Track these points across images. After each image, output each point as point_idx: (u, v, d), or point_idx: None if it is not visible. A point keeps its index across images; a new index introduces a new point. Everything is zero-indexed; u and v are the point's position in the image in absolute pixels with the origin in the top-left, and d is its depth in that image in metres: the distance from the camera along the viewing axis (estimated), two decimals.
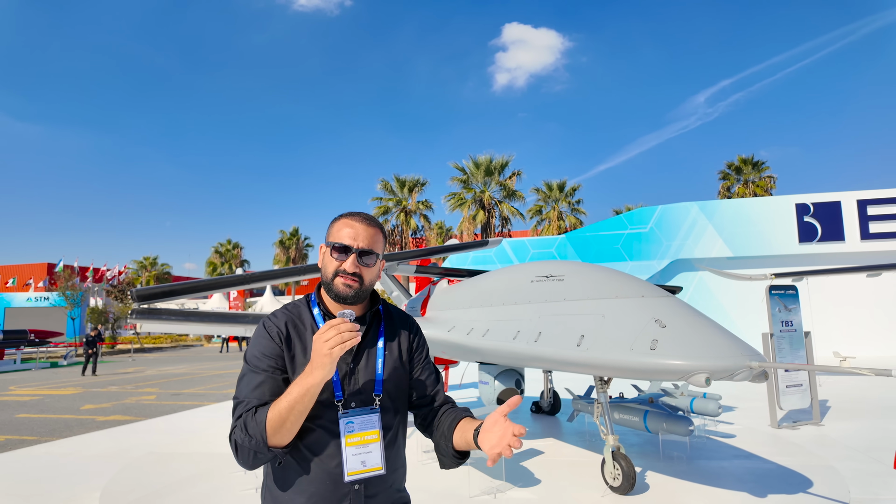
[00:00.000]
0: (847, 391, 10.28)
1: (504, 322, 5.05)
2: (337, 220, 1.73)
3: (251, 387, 1.54)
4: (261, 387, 1.54)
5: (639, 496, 4.32)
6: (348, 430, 1.60)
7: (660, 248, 19.99)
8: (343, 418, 1.60)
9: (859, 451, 6.13)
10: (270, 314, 1.71)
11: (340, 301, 1.65)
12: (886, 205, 18.25)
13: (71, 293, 32.53)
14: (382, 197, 37.90)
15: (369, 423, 1.62)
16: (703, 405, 6.05)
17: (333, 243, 1.66)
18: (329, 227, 1.73)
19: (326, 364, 1.40)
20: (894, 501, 4.63)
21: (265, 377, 1.55)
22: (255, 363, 1.58)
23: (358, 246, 1.64)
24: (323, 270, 1.69)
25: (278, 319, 1.67)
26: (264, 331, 1.64)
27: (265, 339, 1.62)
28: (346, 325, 1.42)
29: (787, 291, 8.02)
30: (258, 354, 1.59)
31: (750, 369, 3.45)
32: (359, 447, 1.59)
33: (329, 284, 1.65)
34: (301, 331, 1.66)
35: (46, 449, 7.66)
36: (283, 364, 1.59)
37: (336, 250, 1.64)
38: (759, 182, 37.69)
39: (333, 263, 1.65)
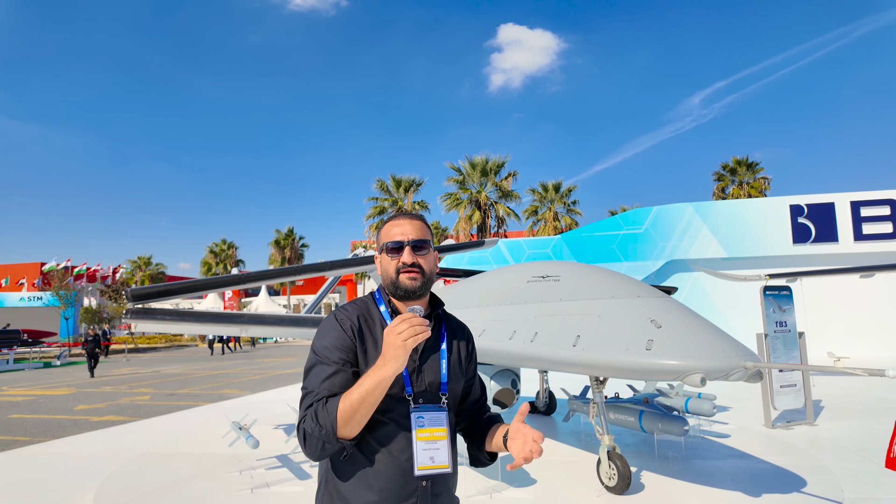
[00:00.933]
0: (841, 391, 10.35)
1: (500, 322, 5.06)
2: (383, 225, 1.80)
3: (321, 378, 1.55)
4: (332, 378, 1.55)
5: (634, 496, 4.34)
6: (419, 424, 1.62)
7: (655, 249, 20.06)
8: (414, 412, 1.63)
9: (852, 451, 6.18)
10: (341, 307, 1.73)
11: (408, 295, 1.69)
12: (879, 206, 18.39)
13: (65, 293, 32.34)
14: (378, 197, 37.88)
15: (438, 420, 1.65)
16: (697, 405, 6.08)
17: (387, 244, 1.72)
18: (378, 235, 1.81)
19: (400, 356, 1.44)
20: (887, 501, 4.66)
21: (336, 369, 1.56)
22: (325, 355, 1.59)
23: (409, 239, 1.71)
24: (384, 274, 1.74)
25: (350, 313, 1.70)
26: (336, 323, 1.66)
27: (337, 332, 1.63)
28: (418, 319, 1.46)
29: (781, 292, 8.07)
30: (329, 346, 1.60)
31: (745, 369, 3.47)
32: (428, 443, 1.61)
33: (395, 282, 1.69)
34: (371, 325, 1.69)
35: (40, 449, 7.62)
36: (354, 357, 1.61)
37: (391, 250, 1.71)
38: (754, 183, 37.87)
39: (392, 262, 1.71)
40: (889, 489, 4.95)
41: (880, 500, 4.71)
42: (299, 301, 60.73)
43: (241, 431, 5.22)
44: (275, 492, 4.59)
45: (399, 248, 1.71)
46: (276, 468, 5.30)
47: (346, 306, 1.74)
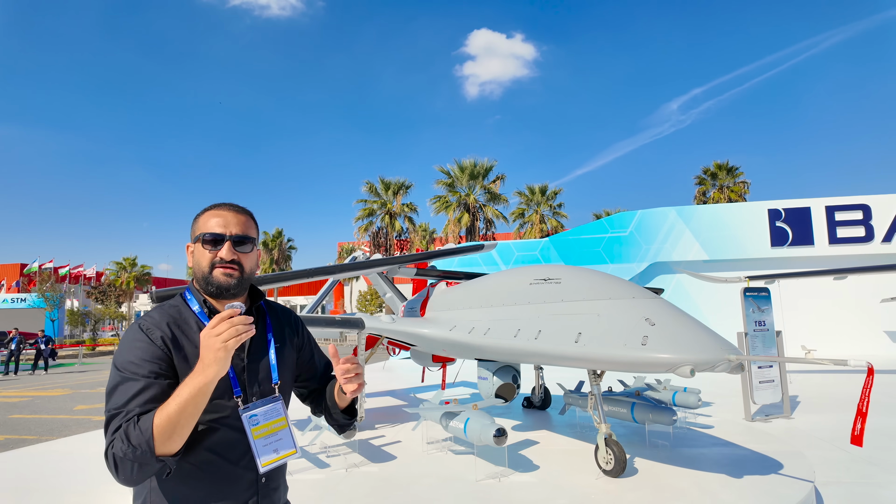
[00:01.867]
0: (815, 387, 10.94)
1: (505, 321, 5.47)
2: (201, 213, 1.68)
3: (128, 396, 1.40)
4: (141, 394, 1.41)
5: (629, 479, 4.77)
6: (253, 423, 1.57)
7: (639, 252, 20.67)
8: (245, 413, 1.57)
9: (825, 441, 6.71)
10: (145, 315, 1.57)
11: (222, 293, 1.60)
12: (852, 211, 19.21)
13: (50, 294, 32.03)
14: (367, 199, 38.12)
15: (274, 412, 1.62)
16: (684, 398, 6.55)
17: (203, 235, 1.60)
18: (193, 224, 1.67)
19: (221, 359, 1.36)
20: (855, 484, 5.17)
21: (146, 383, 1.42)
22: (132, 370, 1.43)
23: (231, 233, 1.62)
24: (196, 267, 1.63)
25: (157, 320, 1.55)
26: (142, 334, 1.50)
27: (143, 343, 1.48)
28: (240, 318, 1.40)
29: (760, 293, 8.60)
30: (135, 360, 1.45)
31: (729, 362, 3.92)
32: (268, 437, 1.58)
33: (208, 278, 1.59)
34: (186, 329, 1.56)
35: (49, 447, 7.78)
36: (168, 368, 1.48)
37: (207, 242, 1.60)
38: (734, 187, 38.89)
39: (207, 255, 1.60)
40: (857, 473, 5.46)
41: (848, 482, 5.21)
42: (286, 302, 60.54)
43: None
44: (298, 479, 4.93)
45: (218, 241, 1.60)
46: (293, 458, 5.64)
47: (152, 313, 1.59)
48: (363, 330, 6.90)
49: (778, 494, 4.27)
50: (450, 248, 9.39)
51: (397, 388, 11.79)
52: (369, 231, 37.72)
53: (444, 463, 5.43)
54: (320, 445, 6.07)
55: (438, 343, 6.56)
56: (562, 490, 4.54)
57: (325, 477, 5.04)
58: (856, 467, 5.65)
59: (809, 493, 4.33)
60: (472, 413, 5.21)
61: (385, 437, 6.71)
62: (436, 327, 6.57)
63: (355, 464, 5.45)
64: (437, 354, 7.70)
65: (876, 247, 18.79)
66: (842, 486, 5.10)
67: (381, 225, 37.89)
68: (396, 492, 4.64)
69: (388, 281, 9.26)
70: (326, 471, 5.24)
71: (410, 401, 9.91)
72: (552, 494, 4.44)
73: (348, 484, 4.84)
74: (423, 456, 5.71)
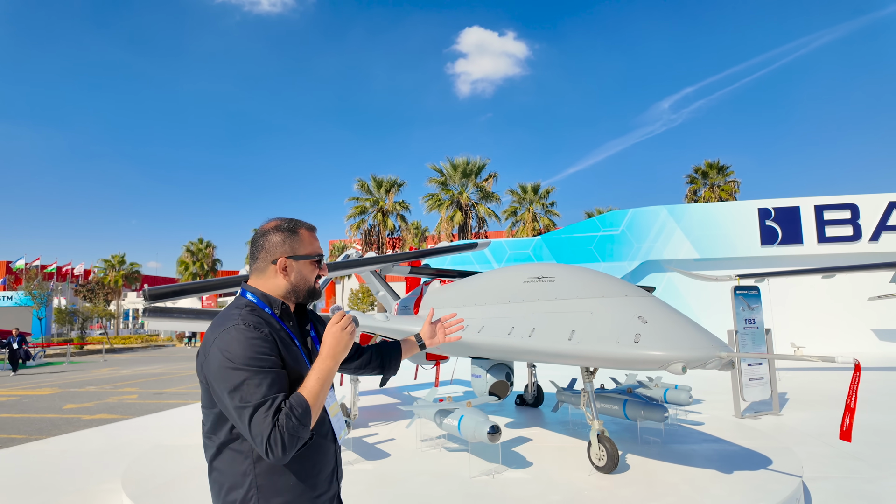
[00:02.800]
0: (804, 384, 11.09)
1: (499, 319, 5.50)
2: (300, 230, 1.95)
3: (266, 385, 1.58)
4: (277, 383, 1.60)
5: (621, 474, 4.82)
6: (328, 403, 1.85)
7: (631, 250, 20.80)
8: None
9: (813, 437, 6.81)
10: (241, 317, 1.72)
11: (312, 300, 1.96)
12: (840, 210, 19.44)
13: (38, 292, 31.69)
14: (359, 197, 38.04)
15: (332, 397, 1.92)
16: (675, 395, 6.63)
17: (314, 255, 1.93)
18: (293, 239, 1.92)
19: (350, 346, 1.74)
20: (842, 479, 5.26)
21: (276, 374, 1.62)
22: (259, 364, 1.60)
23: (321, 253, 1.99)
24: (302, 281, 1.91)
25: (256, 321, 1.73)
26: (254, 332, 1.67)
27: (258, 340, 1.66)
28: (350, 316, 1.78)
29: (750, 291, 8.70)
30: (257, 356, 1.62)
31: (720, 359, 3.97)
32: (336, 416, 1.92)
33: (313, 290, 1.93)
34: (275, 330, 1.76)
35: (40, 446, 7.73)
36: (281, 360, 1.68)
37: (316, 262, 1.94)
38: (725, 186, 39.20)
39: (315, 271, 1.94)
40: (844, 469, 5.56)
41: (836, 477, 5.30)
42: None
43: None
44: None
45: (321, 260, 1.95)
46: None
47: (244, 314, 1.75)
48: (357, 328, 6.90)
49: (767, 490, 4.34)
50: (443, 247, 9.40)
51: (390, 387, 11.80)
52: (361, 229, 37.66)
53: (438, 460, 5.46)
54: None
55: None
56: (555, 486, 4.58)
57: None
58: (843, 463, 5.75)
59: (798, 489, 4.41)
60: (466, 410, 5.24)
61: (379, 434, 6.73)
62: None
63: (349, 461, 5.46)
64: (431, 352, 7.72)
65: (863, 245, 19.04)
66: (830, 481, 5.19)
67: (374, 223, 37.84)
68: (391, 489, 4.66)
69: (381, 279, 9.26)
70: None
71: (404, 399, 9.94)
72: (545, 490, 4.48)
73: (343, 481, 4.85)
74: (417, 453, 5.74)
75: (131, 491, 4.67)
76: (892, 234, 19.02)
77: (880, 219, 19.12)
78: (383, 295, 9.24)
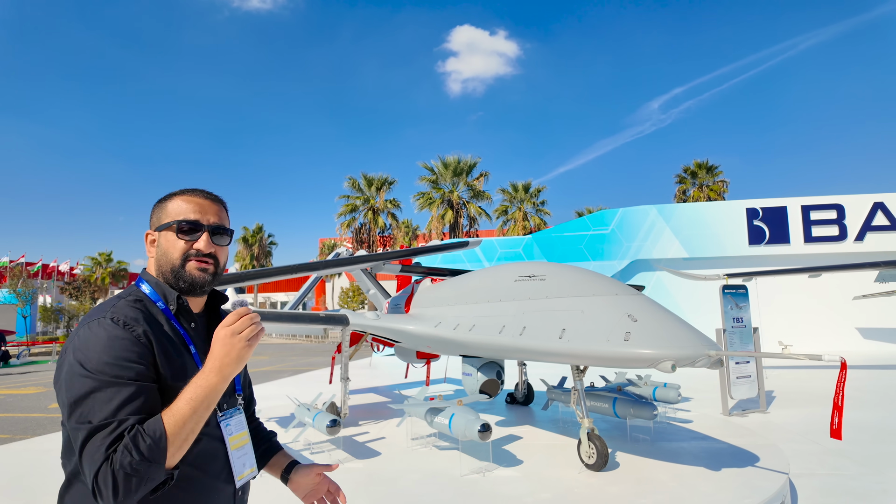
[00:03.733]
0: (790, 383, 11.22)
1: (490, 318, 5.51)
2: (171, 197, 1.49)
3: (118, 402, 1.20)
4: (133, 401, 1.21)
5: (611, 472, 4.84)
6: (228, 433, 1.46)
7: (620, 249, 20.92)
8: (223, 420, 1.47)
9: (799, 434, 6.90)
10: (114, 309, 1.34)
11: (194, 290, 1.45)
12: (827, 210, 19.69)
13: (23, 290, 31.27)
14: (350, 195, 37.90)
15: (240, 423, 1.52)
16: (664, 393, 6.68)
17: (180, 221, 1.43)
18: (161, 208, 1.48)
19: (244, 358, 1.28)
20: (827, 476, 5.33)
21: (138, 389, 1.23)
22: (116, 373, 1.22)
23: (209, 222, 1.46)
24: (164, 258, 1.44)
25: (133, 316, 1.33)
26: (122, 330, 1.28)
27: (125, 342, 1.26)
28: (255, 315, 1.31)
29: (738, 290, 8.78)
30: (117, 360, 1.23)
31: (708, 357, 4.01)
32: (239, 449, 1.49)
33: (179, 272, 1.42)
34: (157, 329, 1.36)
35: (25, 446, 7.61)
36: (153, 370, 1.30)
37: (183, 231, 1.43)
38: (713, 186, 39.54)
39: (181, 245, 1.42)
40: (830, 466, 5.63)
41: (822, 474, 5.37)
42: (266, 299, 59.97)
43: None
44: None
45: (195, 230, 1.43)
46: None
47: (121, 306, 1.35)
48: (347, 326, 6.88)
49: (754, 486, 4.38)
50: (435, 245, 9.39)
51: (381, 385, 11.77)
52: (352, 227, 37.53)
53: (428, 458, 5.46)
54: (304, 442, 6.05)
55: (423, 339, 6.58)
56: (545, 484, 4.60)
57: None
58: (829, 460, 5.82)
59: (784, 485, 4.45)
60: (457, 409, 5.24)
61: (369, 433, 6.71)
62: (421, 324, 6.58)
63: (340, 460, 5.44)
64: (422, 351, 7.71)
65: (849, 245, 19.29)
66: (815, 477, 5.25)
67: (364, 221, 37.72)
68: (382, 487, 4.65)
69: (371, 277, 9.24)
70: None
71: (394, 397, 9.92)
72: (536, 488, 4.49)
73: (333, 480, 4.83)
74: (408, 452, 5.73)
75: None
76: (876, 234, 19.29)
77: (865, 219, 19.38)
78: (374, 293, 9.22)
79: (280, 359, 25.04)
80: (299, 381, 13.76)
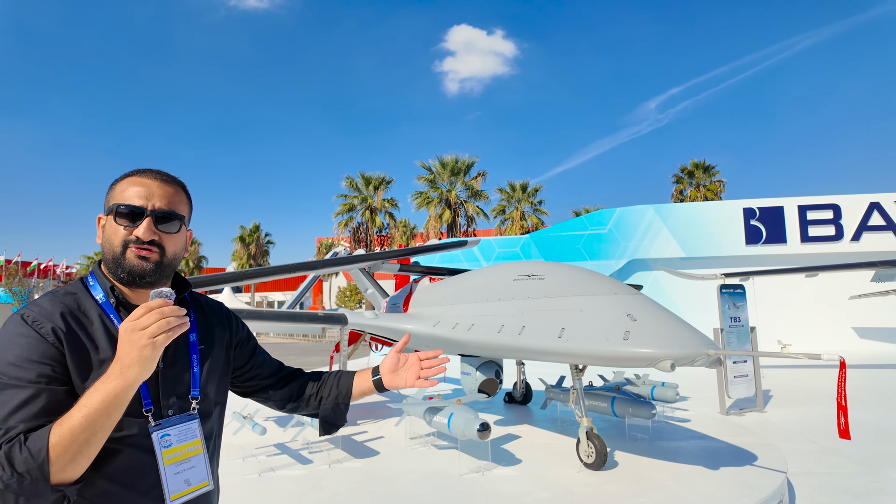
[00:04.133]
0: (787, 382, 11.26)
1: (489, 317, 5.51)
2: (122, 178, 1.37)
3: (9, 408, 1.10)
4: (28, 406, 1.11)
5: (609, 471, 4.85)
6: (164, 444, 1.30)
7: (618, 249, 20.96)
8: (156, 431, 1.30)
9: (797, 433, 6.92)
10: (32, 303, 1.27)
11: (135, 281, 1.32)
12: (823, 210, 19.76)
13: (18, 289, 31.17)
14: (348, 194, 37.87)
15: (189, 432, 1.36)
16: (662, 392, 6.69)
17: (118, 206, 1.31)
18: (110, 190, 1.37)
19: (147, 358, 1.11)
20: (825, 475, 5.35)
21: (34, 391, 1.13)
22: (13, 374, 1.13)
23: (153, 206, 1.33)
24: (106, 245, 1.34)
25: (47, 310, 1.23)
26: (27, 327, 1.19)
27: (30, 339, 1.17)
28: (170, 308, 1.14)
29: (735, 290, 8.81)
30: (17, 361, 1.14)
31: (707, 356, 4.02)
32: (180, 463, 1.32)
33: (118, 259, 1.31)
34: (86, 323, 1.27)
35: None
36: (63, 372, 1.18)
37: (122, 215, 1.31)
38: (710, 186, 39.64)
39: (121, 232, 1.31)
40: (827, 465, 5.65)
41: (819, 473, 5.39)
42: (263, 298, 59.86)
43: (246, 420, 5.50)
44: (281, 475, 4.90)
45: (135, 216, 1.32)
46: (276, 455, 5.60)
47: (41, 301, 1.27)
48: (346, 326, 6.87)
49: (752, 485, 4.39)
50: (434, 244, 9.40)
51: None
52: (349, 226, 37.50)
53: (427, 458, 5.45)
54: (302, 441, 6.05)
55: (422, 339, 6.58)
56: (544, 483, 4.60)
57: (308, 473, 5.02)
58: (826, 459, 5.85)
59: (782, 484, 4.47)
60: (456, 408, 5.24)
61: (368, 432, 6.71)
62: (419, 323, 6.58)
63: (338, 459, 5.44)
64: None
65: (845, 245, 19.36)
66: (813, 476, 5.28)
67: (362, 220, 37.70)
68: (381, 486, 4.65)
69: (369, 277, 9.23)
70: (309, 467, 5.22)
71: (392, 396, 9.91)
72: (535, 487, 4.50)
73: (332, 479, 4.83)
74: (407, 451, 5.73)
75: None
76: (873, 234, 19.37)
77: (861, 219, 19.45)
78: (372, 293, 9.21)
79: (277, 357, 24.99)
80: None
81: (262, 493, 4.46)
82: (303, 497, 4.39)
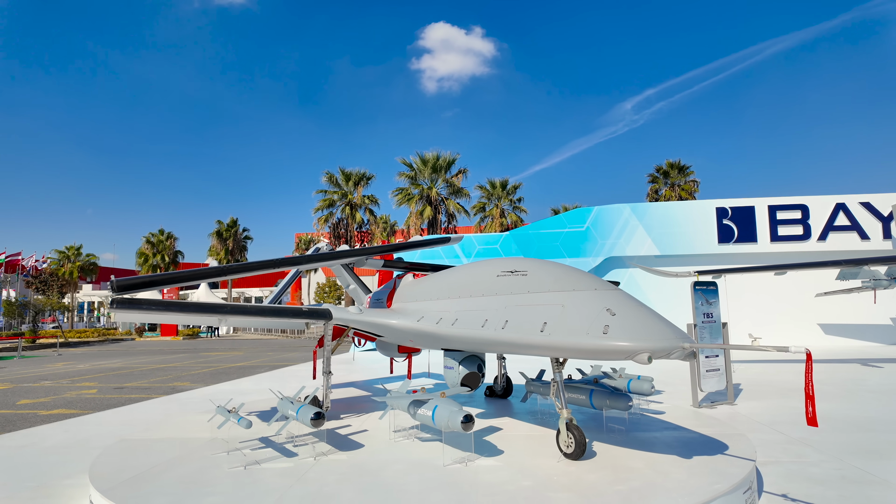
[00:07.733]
0: (756, 376, 11.66)
1: (472, 312, 5.63)
2: None
3: None
4: None
5: (588, 461, 5.02)
6: None
7: (595, 246, 21.32)
8: None
9: (765, 425, 7.22)
10: None
11: None
12: (792, 210, 20.41)
13: None
14: (327, 189, 37.63)
15: None
16: (638, 385, 6.90)
17: None
18: None
19: None
20: (791, 463, 5.62)
21: None
22: None
23: None
24: None
25: None
26: None
27: None
28: None
29: (708, 287, 9.10)
30: None
31: (683, 349, 4.20)
32: None
33: None
34: None
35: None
36: None
37: None
38: (685, 185, 40.46)
39: None
40: (793, 454, 5.93)
41: (786, 462, 5.66)
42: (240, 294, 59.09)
43: (231, 414, 5.51)
44: (266, 468, 4.95)
45: None
46: (260, 448, 5.64)
47: None
48: (330, 321, 6.92)
49: (723, 473, 4.60)
50: (417, 241, 9.48)
51: (361, 380, 11.81)
52: (329, 222, 37.27)
53: (411, 450, 5.56)
54: (287, 435, 6.09)
55: (406, 333, 6.67)
56: (526, 472, 4.74)
57: (294, 465, 5.08)
58: (792, 448, 6.13)
59: (751, 472, 4.69)
60: (440, 401, 5.35)
61: (352, 426, 6.78)
62: (404, 318, 6.67)
63: (323, 452, 5.50)
64: (405, 345, 7.80)
65: (812, 245, 20.04)
66: (780, 465, 5.54)
67: (342, 216, 37.50)
68: (366, 478, 4.74)
69: (351, 272, 9.27)
70: (295, 459, 5.28)
71: (375, 391, 9.98)
72: (517, 476, 4.64)
73: (317, 471, 4.90)
74: (391, 443, 5.82)
75: (100, 485, 4.59)
76: (838, 234, 20.08)
77: (828, 219, 20.15)
78: (353, 288, 9.25)
79: (256, 354, 24.80)
80: (276, 377, 13.70)
81: (248, 486, 4.51)
82: (289, 489, 4.45)
